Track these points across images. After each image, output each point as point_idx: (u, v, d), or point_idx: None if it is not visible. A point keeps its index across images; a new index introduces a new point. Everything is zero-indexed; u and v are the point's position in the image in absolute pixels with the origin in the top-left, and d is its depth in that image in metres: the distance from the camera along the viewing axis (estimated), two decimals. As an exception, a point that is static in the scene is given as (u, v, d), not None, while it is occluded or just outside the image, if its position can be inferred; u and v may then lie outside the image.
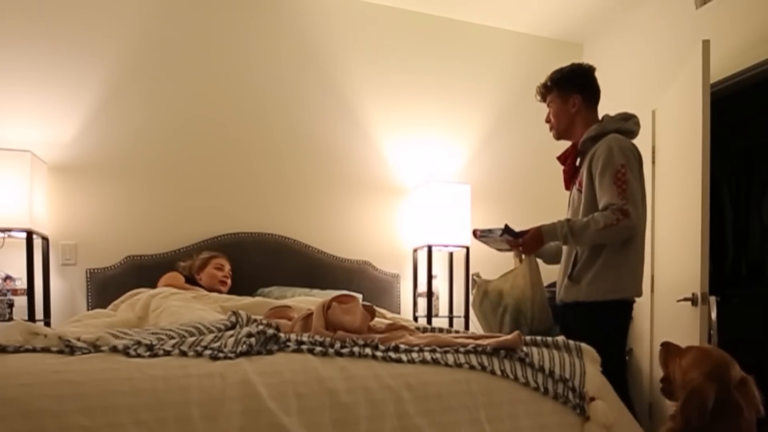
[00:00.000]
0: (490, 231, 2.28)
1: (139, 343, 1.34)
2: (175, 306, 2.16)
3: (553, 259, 2.36)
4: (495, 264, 3.49)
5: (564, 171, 2.28)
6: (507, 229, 2.21)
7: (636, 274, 2.11)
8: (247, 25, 3.25)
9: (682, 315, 2.45)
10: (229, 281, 2.84)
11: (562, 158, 2.28)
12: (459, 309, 3.51)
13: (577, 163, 2.25)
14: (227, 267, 2.86)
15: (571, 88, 2.21)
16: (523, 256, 2.23)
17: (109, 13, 2.97)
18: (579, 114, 2.22)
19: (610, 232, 1.96)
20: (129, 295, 2.49)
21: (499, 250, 2.38)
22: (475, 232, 2.35)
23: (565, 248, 2.26)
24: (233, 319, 1.66)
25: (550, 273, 2.39)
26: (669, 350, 1.56)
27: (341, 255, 3.36)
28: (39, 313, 2.69)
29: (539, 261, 2.30)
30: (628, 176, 1.98)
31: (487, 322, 2.39)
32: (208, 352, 1.35)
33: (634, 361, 3.22)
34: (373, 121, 3.50)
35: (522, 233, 2.18)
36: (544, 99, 2.31)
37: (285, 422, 1.26)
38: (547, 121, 2.31)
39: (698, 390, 1.33)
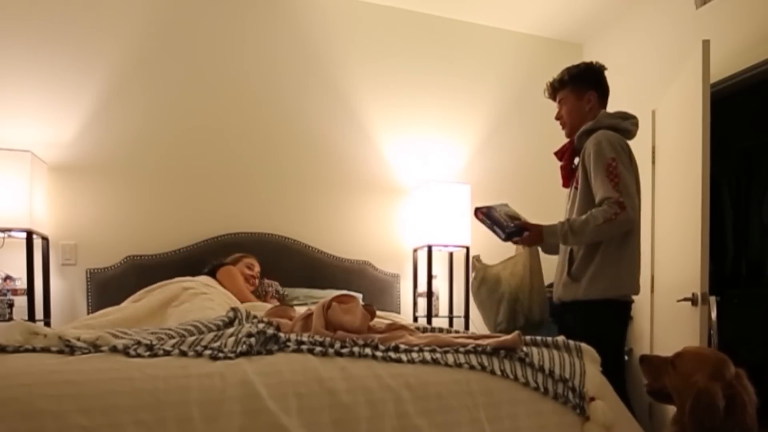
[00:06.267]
0: (489, 208, 2.17)
1: (139, 343, 1.35)
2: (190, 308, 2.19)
3: (553, 249, 2.33)
4: (496, 252, 3.51)
5: (561, 167, 2.26)
6: (507, 234, 2.14)
7: (634, 271, 2.11)
8: (246, 25, 3.25)
9: (682, 315, 2.44)
10: (256, 281, 2.87)
11: (560, 153, 2.27)
12: (459, 309, 3.50)
13: (576, 160, 2.23)
14: (257, 267, 2.89)
15: (587, 85, 2.20)
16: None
17: (109, 14, 2.97)
18: (592, 112, 2.19)
19: (609, 226, 1.95)
20: (163, 283, 2.50)
21: (496, 234, 2.22)
22: (476, 212, 2.21)
23: (561, 246, 2.24)
24: (231, 314, 1.67)
25: (549, 274, 2.38)
26: (653, 363, 1.55)
27: (341, 255, 3.36)
28: (39, 313, 2.69)
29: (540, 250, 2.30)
30: (619, 169, 1.97)
31: (484, 309, 2.38)
32: (208, 352, 1.36)
33: (635, 361, 3.21)
34: (373, 121, 3.50)
35: (520, 229, 2.12)
36: (553, 96, 2.28)
37: (285, 422, 1.26)
38: (558, 118, 2.28)
39: (706, 391, 1.34)
